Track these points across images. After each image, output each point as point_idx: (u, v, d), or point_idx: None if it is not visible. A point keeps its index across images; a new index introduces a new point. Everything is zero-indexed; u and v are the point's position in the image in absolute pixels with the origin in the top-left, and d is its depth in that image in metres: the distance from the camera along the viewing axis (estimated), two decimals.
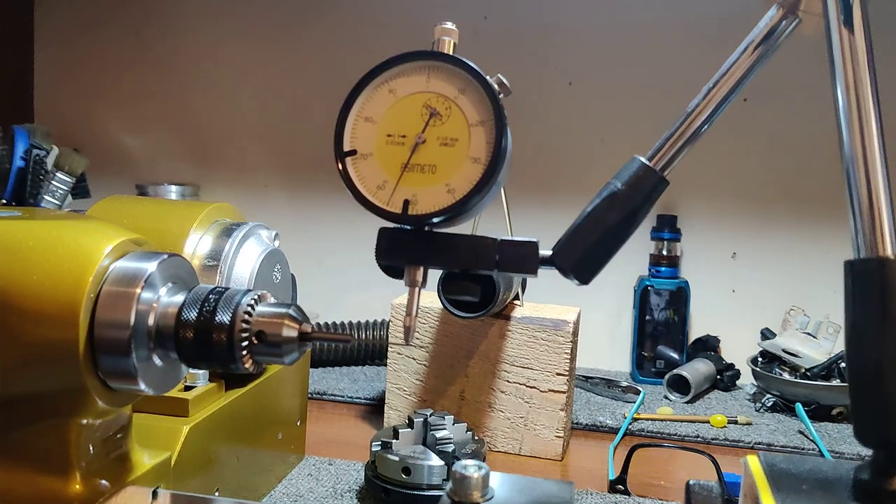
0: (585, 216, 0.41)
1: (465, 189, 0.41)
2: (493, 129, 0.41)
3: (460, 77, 0.41)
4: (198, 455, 0.56)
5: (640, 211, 0.41)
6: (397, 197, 0.41)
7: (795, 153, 1.12)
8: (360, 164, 0.42)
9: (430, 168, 0.41)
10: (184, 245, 0.60)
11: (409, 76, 0.42)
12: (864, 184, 0.37)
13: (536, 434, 0.82)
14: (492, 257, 0.41)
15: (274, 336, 0.41)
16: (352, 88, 0.43)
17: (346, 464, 0.76)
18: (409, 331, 0.42)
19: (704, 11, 1.14)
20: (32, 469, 0.42)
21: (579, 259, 0.41)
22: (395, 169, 0.42)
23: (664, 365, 1.11)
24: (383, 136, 0.42)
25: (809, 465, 0.39)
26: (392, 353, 0.85)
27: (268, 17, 1.29)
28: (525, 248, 0.41)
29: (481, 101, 0.41)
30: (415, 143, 0.41)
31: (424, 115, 0.42)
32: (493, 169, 0.40)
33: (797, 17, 0.40)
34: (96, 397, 0.41)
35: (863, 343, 0.35)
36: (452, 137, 0.41)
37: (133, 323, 0.40)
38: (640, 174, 0.41)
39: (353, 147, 0.42)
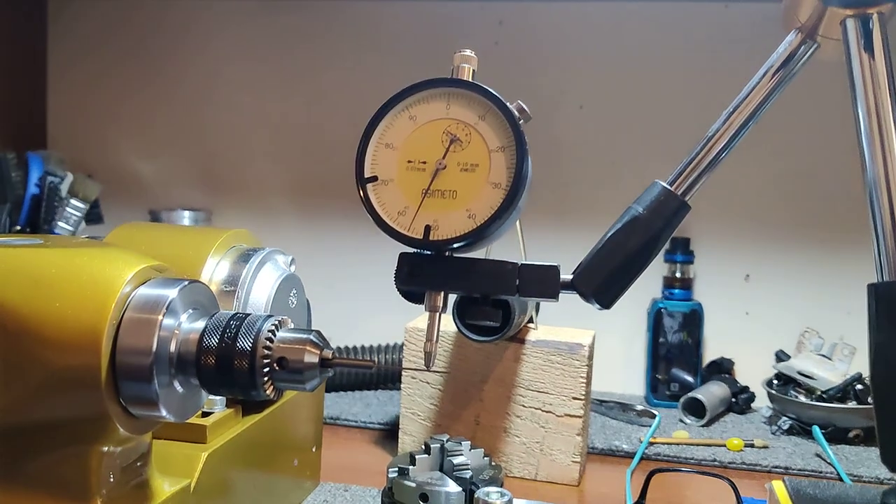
0: (606, 241, 0.41)
1: (485, 214, 0.41)
2: (514, 154, 0.41)
3: (480, 103, 0.42)
4: (215, 481, 0.55)
5: (662, 236, 0.41)
6: (418, 222, 0.41)
7: (808, 176, 1.12)
8: (381, 191, 0.42)
9: (450, 193, 0.41)
10: (201, 271, 0.60)
11: (430, 103, 0.42)
12: (887, 207, 0.37)
13: (552, 459, 0.82)
14: (512, 282, 0.41)
15: (296, 362, 0.41)
16: (373, 115, 0.43)
17: (361, 490, 0.75)
18: (429, 356, 0.42)
19: (716, 36, 1.14)
20: (53, 497, 0.41)
21: (601, 284, 0.41)
22: (416, 195, 0.42)
23: (678, 388, 1.10)
24: (404, 162, 0.42)
25: (835, 491, 0.39)
26: (406, 377, 0.85)
27: (279, 41, 1.30)
28: (546, 273, 0.41)
29: (501, 126, 0.41)
30: (435, 169, 0.42)
31: (445, 142, 0.42)
32: (514, 194, 0.40)
33: (816, 42, 0.40)
34: (118, 424, 0.41)
35: (889, 365, 0.35)
36: (473, 163, 0.41)
37: (155, 349, 0.40)
38: (661, 199, 0.41)
39: (374, 173, 0.42)
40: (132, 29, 1.35)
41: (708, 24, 1.15)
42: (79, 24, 1.37)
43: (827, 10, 0.38)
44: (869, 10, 0.37)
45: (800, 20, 0.39)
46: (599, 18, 1.18)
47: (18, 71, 1.35)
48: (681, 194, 0.41)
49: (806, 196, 1.13)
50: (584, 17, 1.19)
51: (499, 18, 1.20)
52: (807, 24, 0.39)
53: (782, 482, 0.40)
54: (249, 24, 1.31)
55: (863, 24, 0.37)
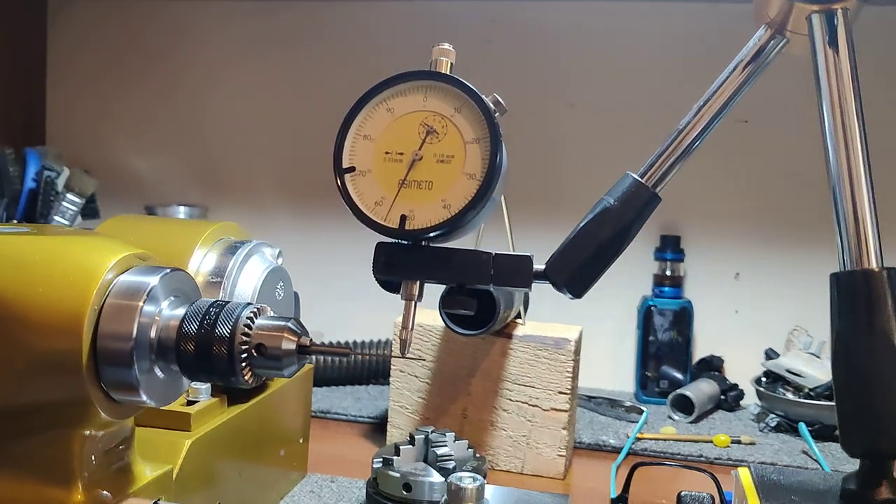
0: (578, 231, 0.42)
1: (460, 204, 0.41)
2: (489, 145, 0.42)
3: (457, 96, 0.43)
4: (199, 469, 0.56)
5: (633, 227, 0.42)
6: (395, 213, 0.42)
7: (798, 174, 1.13)
8: (359, 181, 0.43)
9: (426, 184, 0.42)
10: (188, 262, 0.61)
11: (407, 95, 0.43)
12: (849, 199, 0.37)
13: (539, 453, 0.82)
14: (487, 272, 0.42)
15: (274, 349, 0.42)
16: (351, 107, 0.44)
17: (348, 481, 0.76)
18: (404, 343, 0.43)
19: (704, 35, 1.15)
20: (35, 478, 0.42)
21: (572, 273, 0.42)
22: (393, 185, 0.43)
23: (668, 385, 1.11)
24: (381, 153, 0.43)
25: (800, 477, 0.39)
26: (395, 371, 0.86)
27: (274, 41, 1.31)
28: (519, 263, 0.42)
29: (477, 119, 0.42)
30: (412, 160, 0.42)
31: (421, 133, 0.43)
32: (487, 184, 0.41)
33: (785, 37, 0.41)
34: (99, 408, 0.42)
35: (849, 354, 0.36)
36: (449, 154, 0.42)
37: (135, 335, 0.41)
38: (632, 190, 0.42)
39: (351, 164, 0.43)
40: (130, 27, 1.36)
41: (697, 23, 1.15)
42: (78, 22, 1.38)
43: (794, 6, 0.39)
44: (834, 6, 0.38)
45: (769, 15, 0.40)
46: (590, 17, 1.19)
47: (18, 68, 1.36)
48: (652, 186, 0.41)
49: (796, 195, 1.13)
50: (576, 17, 1.20)
51: (491, 17, 1.21)
52: (776, 20, 0.40)
53: (748, 469, 0.40)
54: (246, 24, 1.32)
55: (828, 20, 0.38)
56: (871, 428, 0.35)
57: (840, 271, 0.37)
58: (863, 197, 0.37)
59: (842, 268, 0.37)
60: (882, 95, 1.06)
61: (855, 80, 0.38)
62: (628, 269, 1.18)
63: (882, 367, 0.34)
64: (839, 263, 0.37)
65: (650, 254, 1.15)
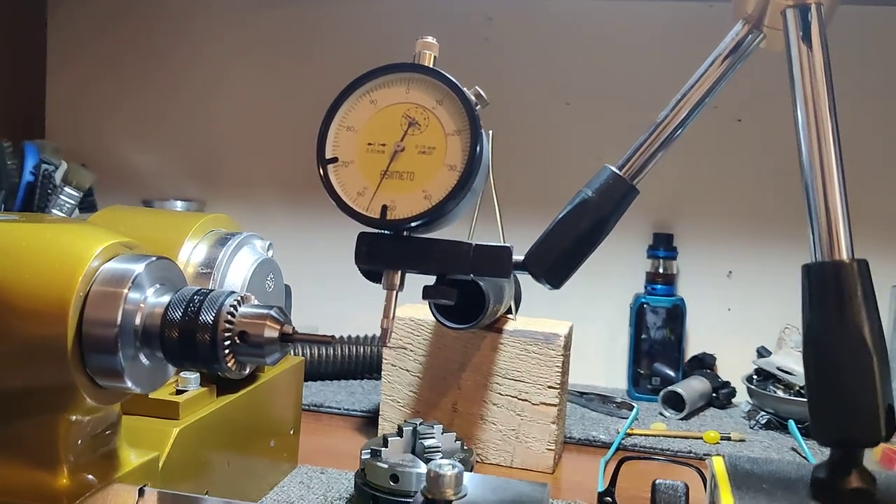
0: (557, 223, 0.43)
1: (440, 195, 0.42)
2: (469, 137, 0.42)
3: (439, 88, 0.43)
4: (187, 457, 0.57)
5: (610, 219, 0.42)
6: (376, 203, 0.43)
7: (790, 172, 1.13)
8: (342, 172, 0.44)
9: (408, 175, 0.43)
10: (178, 253, 0.61)
11: (390, 87, 0.44)
12: (820, 192, 0.38)
13: (528, 447, 0.83)
14: (467, 262, 0.43)
15: (256, 336, 0.43)
16: (334, 99, 0.44)
17: (337, 473, 0.77)
18: (385, 332, 0.44)
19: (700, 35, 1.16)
20: (21, 462, 0.43)
21: (551, 265, 0.42)
22: (375, 176, 0.43)
23: (660, 382, 1.11)
24: (364, 144, 0.44)
25: (772, 466, 0.40)
26: (386, 365, 0.87)
27: (273, 38, 1.32)
28: (499, 253, 0.43)
29: (458, 111, 0.43)
30: (394, 151, 0.43)
31: (404, 125, 0.43)
32: (468, 176, 0.42)
33: (762, 32, 0.41)
34: (84, 394, 0.43)
35: (819, 344, 0.36)
36: (430, 146, 0.43)
37: (120, 322, 0.42)
38: (610, 183, 0.42)
39: (334, 154, 0.44)
40: (130, 22, 1.37)
41: (694, 22, 1.16)
42: (78, 17, 1.39)
43: (770, 1, 0.40)
44: (808, 1, 0.38)
45: (747, 10, 0.41)
46: (587, 16, 1.20)
47: (18, 62, 1.37)
48: (630, 178, 0.42)
49: (789, 193, 1.14)
50: (573, 15, 1.20)
51: (488, 15, 1.22)
52: (753, 15, 0.41)
53: (721, 458, 0.41)
54: (246, 22, 1.33)
55: (802, 15, 0.38)
56: (841, 417, 0.35)
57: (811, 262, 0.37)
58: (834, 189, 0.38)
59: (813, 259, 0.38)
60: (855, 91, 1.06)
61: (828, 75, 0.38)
62: (621, 266, 1.19)
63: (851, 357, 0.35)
64: (811, 255, 0.38)
65: (643, 251, 1.16)
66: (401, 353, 0.86)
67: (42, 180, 1.13)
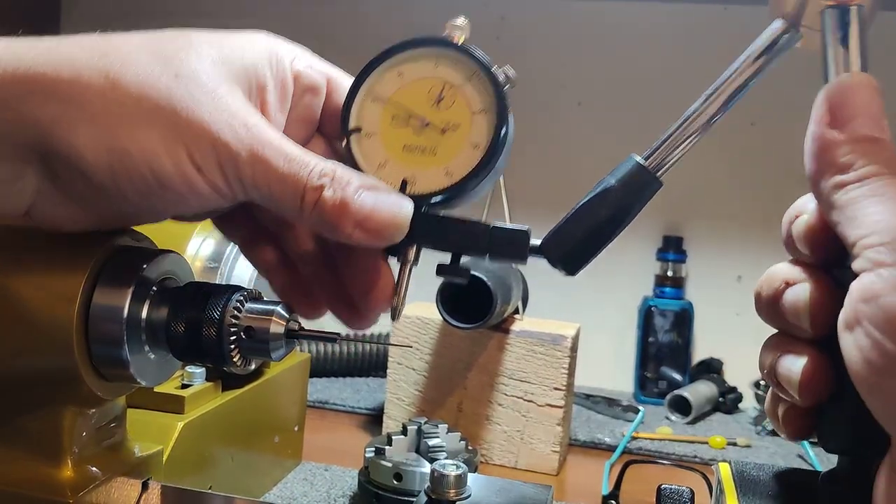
0: (577, 209, 0.42)
1: (462, 173, 0.41)
2: (496, 117, 0.41)
3: (468, 66, 0.43)
4: (192, 452, 0.57)
5: (632, 209, 0.41)
6: (396, 177, 0.42)
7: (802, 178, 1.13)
8: (364, 143, 0.43)
9: (430, 150, 0.42)
10: (186, 247, 0.61)
11: (418, 61, 0.43)
12: None
13: (532, 448, 0.83)
14: (484, 242, 0.42)
15: (262, 332, 0.42)
16: (362, 68, 0.44)
17: (341, 470, 0.77)
18: (395, 310, 0.43)
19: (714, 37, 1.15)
20: (25, 454, 0.43)
21: (568, 251, 0.41)
22: (397, 149, 0.42)
23: (667, 386, 1.11)
24: (389, 116, 0.43)
25: (780, 473, 0.40)
26: (392, 363, 0.87)
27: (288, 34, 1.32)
28: (516, 236, 0.42)
29: (486, 90, 0.42)
30: (418, 126, 0.42)
31: (430, 100, 0.42)
32: (491, 155, 0.41)
33: (799, 32, 0.40)
34: (90, 387, 0.43)
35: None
36: (455, 123, 0.42)
37: (126, 315, 0.41)
38: (634, 173, 0.41)
39: (358, 125, 0.43)
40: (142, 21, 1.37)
41: (707, 25, 1.15)
42: (90, 16, 1.39)
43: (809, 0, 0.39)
44: (849, 2, 0.37)
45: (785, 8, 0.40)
46: (600, 17, 1.19)
47: None
48: (653, 170, 0.41)
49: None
50: (585, 16, 1.20)
51: (501, 14, 1.22)
52: (791, 13, 0.39)
53: (728, 464, 0.41)
54: (259, 16, 1.33)
55: (841, 16, 0.37)
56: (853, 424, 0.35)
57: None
58: None
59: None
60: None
61: None
62: (630, 268, 1.18)
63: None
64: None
65: (652, 254, 1.15)
66: (407, 352, 0.86)
67: None
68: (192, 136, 0.37)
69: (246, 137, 0.37)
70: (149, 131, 0.36)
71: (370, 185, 0.39)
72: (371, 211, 0.38)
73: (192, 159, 0.37)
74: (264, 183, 0.38)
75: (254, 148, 0.37)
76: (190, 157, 0.37)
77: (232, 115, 0.37)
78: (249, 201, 0.39)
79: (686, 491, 0.42)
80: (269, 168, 0.37)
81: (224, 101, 0.38)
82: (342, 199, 0.38)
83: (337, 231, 0.38)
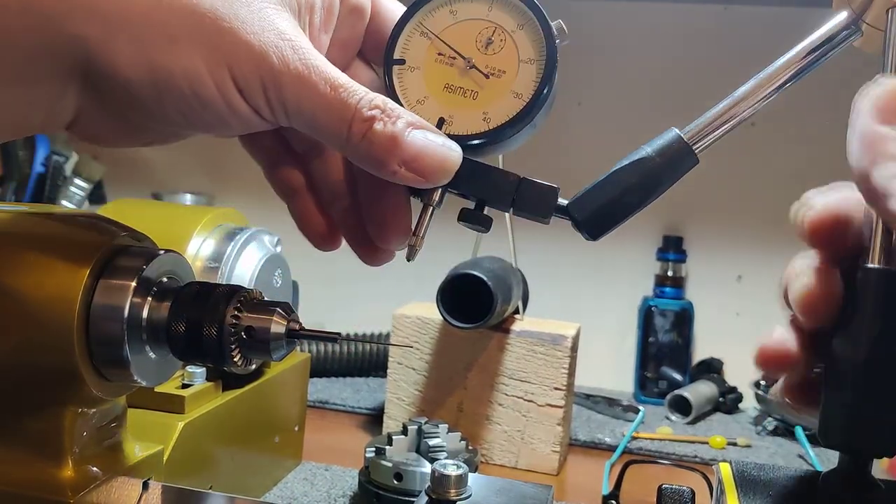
0: (610, 174, 0.41)
1: (500, 120, 0.41)
2: (543, 69, 0.41)
3: (522, 13, 0.42)
4: (192, 452, 0.57)
5: (665, 181, 0.40)
6: (434, 114, 0.41)
7: (802, 178, 1.13)
8: (406, 76, 0.42)
9: (471, 94, 0.41)
10: (187, 247, 0.61)
11: (473, 1, 0.43)
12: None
13: (533, 448, 0.83)
14: (510, 193, 0.41)
15: (263, 332, 0.42)
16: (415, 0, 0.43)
17: (342, 470, 0.77)
18: (412, 249, 0.42)
19: (714, 38, 1.15)
20: (26, 453, 0.43)
21: (593, 214, 0.41)
22: (438, 88, 0.42)
23: (667, 386, 1.11)
24: (434, 53, 0.42)
25: (780, 473, 0.40)
26: (392, 362, 0.87)
27: None
28: (544, 191, 0.42)
29: (537, 40, 0.41)
30: (462, 67, 0.42)
31: (479, 43, 0.42)
32: (532, 106, 0.40)
33: (860, 28, 0.39)
34: (91, 386, 0.43)
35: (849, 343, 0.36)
36: (500, 69, 0.41)
37: (127, 315, 0.42)
38: (673, 145, 0.40)
39: (403, 57, 0.43)
40: None
41: (707, 25, 1.15)
42: None
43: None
44: None
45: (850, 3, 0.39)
46: (599, 16, 1.19)
47: None
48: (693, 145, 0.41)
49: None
50: (584, 16, 1.20)
51: None
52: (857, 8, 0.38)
53: (728, 464, 0.41)
54: None
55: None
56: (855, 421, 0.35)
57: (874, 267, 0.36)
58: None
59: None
60: None
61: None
62: (630, 268, 1.18)
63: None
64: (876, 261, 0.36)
65: (652, 254, 1.15)
66: (407, 352, 0.86)
67: (52, 171, 1.14)
68: (237, 58, 0.36)
69: (292, 61, 0.36)
70: (192, 51, 0.35)
71: (419, 124, 0.38)
72: (420, 151, 0.38)
73: (236, 81, 0.36)
74: (309, 109, 0.37)
75: (300, 72, 0.36)
76: (233, 78, 0.36)
77: (278, 37, 0.36)
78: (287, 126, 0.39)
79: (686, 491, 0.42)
80: (315, 94, 0.36)
81: (271, 22, 0.37)
82: (392, 134, 0.37)
83: (382, 167, 0.38)
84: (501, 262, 0.85)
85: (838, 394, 0.36)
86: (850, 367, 0.35)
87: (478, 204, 0.42)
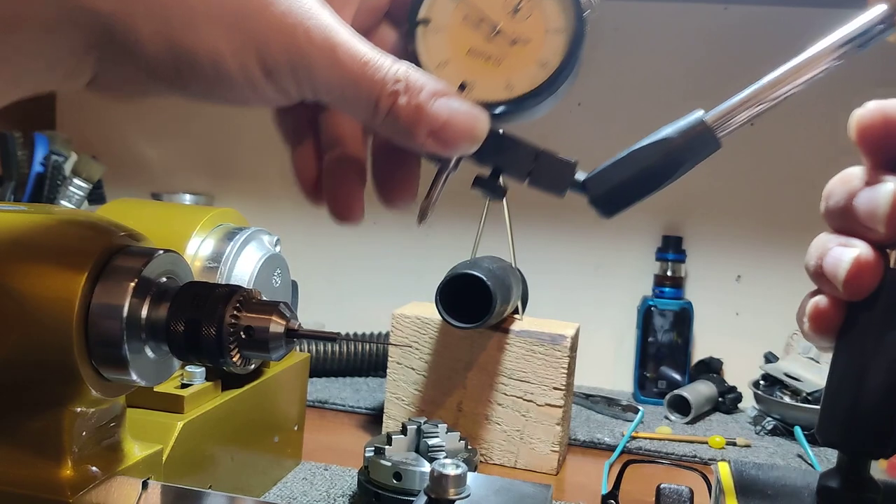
0: (630, 152, 0.41)
1: (523, 89, 0.40)
2: (570, 39, 0.40)
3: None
4: (191, 451, 0.57)
5: (684, 163, 0.40)
6: (456, 78, 0.41)
7: (802, 177, 1.13)
8: (430, 37, 0.41)
9: (495, 60, 0.41)
10: (186, 246, 0.61)
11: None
12: None
13: (532, 448, 0.83)
14: (526, 164, 0.41)
15: (262, 331, 0.42)
16: None
17: (341, 470, 0.77)
18: (424, 212, 0.42)
19: (714, 37, 1.15)
20: (25, 453, 0.43)
21: (610, 191, 0.40)
22: (462, 51, 0.41)
23: (666, 385, 1.11)
24: (460, 15, 0.41)
25: (778, 473, 0.40)
26: (391, 363, 0.87)
27: None
28: (562, 165, 0.41)
29: (567, 10, 0.41)
30: (488, 32, 0.41)
31: (506, 8, 0.41)
32: (556, 76, 0.40)
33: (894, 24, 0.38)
34: (90, 386, 0.43)
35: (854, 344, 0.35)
36: (527, 37, 0.41)
37: (126, 315, 0.42)
38: (696, 128, 0.40)
39: (428, 17, 0.42)
40: None
41: (707, 25, 1.15)
42: None
43: None
44: None
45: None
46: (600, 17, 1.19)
47: None
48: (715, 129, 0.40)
49: (800, 199, 1.13)
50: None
51: None
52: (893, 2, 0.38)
53: (727, 463, 0.41)
54: None
55: None
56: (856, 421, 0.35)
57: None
58: None
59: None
60: None
61: None
62: (629, 268, 1.18)
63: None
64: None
65: (651, 254, 1.15)
66: (407, 352, 0.86)
67: (51, 171, 1.14)
68: (264, 39, 0.35)
69: (321, 40, 0.35)
70: (215, 31, 0.34)
71: (443, 92, 0.37)
72: (447, 120, 0.37)
73: (263, 63, 0.35)
74: (338, 87, 0.36)
75: (330, 52, 0.35)
76: (260, 61, 0.35)
77: (307, 15, 0.35)
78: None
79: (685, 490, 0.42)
80: (344, 72, 0.36)
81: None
82: (417, 105, 0.36)
83: (411, 139, 0.37)
84: (501, 261, 0.85)
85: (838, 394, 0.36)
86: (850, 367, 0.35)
87: (493, 172, 0.41)
